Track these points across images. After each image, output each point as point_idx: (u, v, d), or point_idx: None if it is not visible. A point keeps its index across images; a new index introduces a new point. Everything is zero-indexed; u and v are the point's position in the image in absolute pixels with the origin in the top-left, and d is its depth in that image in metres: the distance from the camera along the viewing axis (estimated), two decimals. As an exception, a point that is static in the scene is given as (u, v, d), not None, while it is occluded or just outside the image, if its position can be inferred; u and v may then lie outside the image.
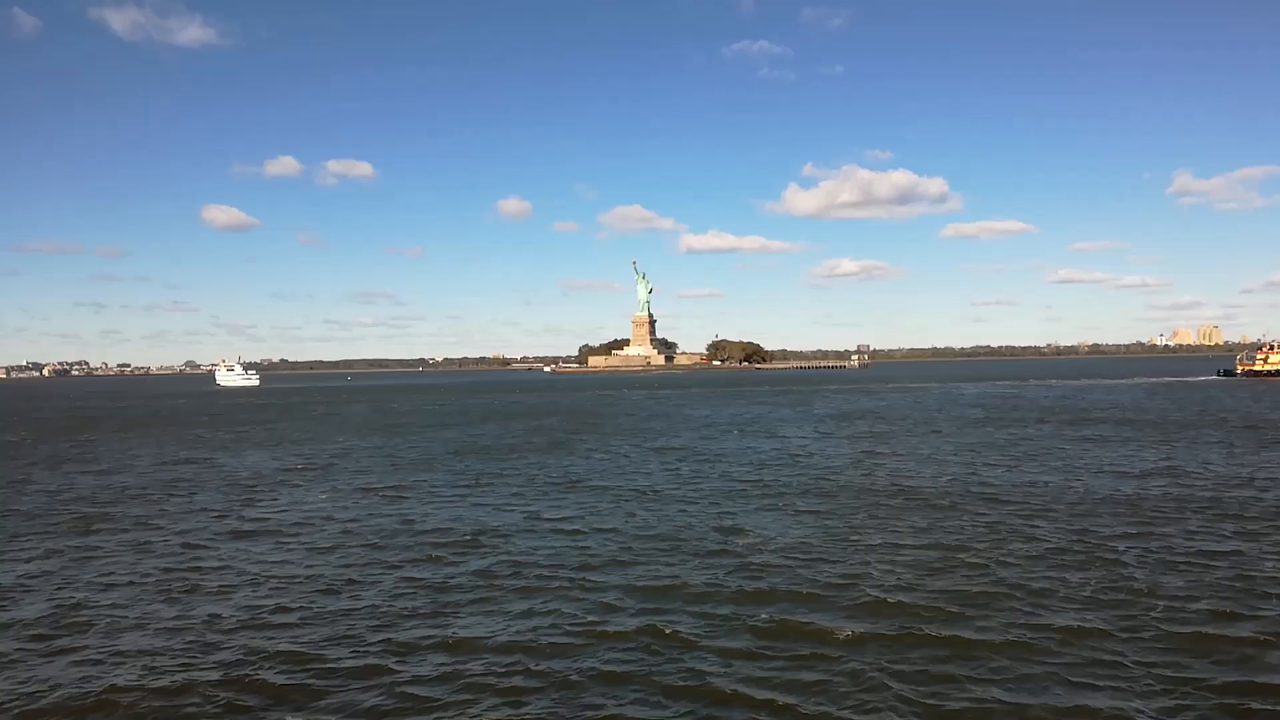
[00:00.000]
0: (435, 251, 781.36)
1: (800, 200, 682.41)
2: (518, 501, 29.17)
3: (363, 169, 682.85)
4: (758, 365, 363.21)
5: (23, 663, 14.28)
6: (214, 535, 24.41)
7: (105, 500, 31.22)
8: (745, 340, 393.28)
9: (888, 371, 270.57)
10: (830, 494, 29.43)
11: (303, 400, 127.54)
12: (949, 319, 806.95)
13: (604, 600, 17.23)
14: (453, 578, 19.10)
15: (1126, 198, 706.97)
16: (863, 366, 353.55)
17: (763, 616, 15.95)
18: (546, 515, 26.39)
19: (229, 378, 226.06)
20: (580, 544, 22.28)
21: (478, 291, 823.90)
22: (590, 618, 16.13)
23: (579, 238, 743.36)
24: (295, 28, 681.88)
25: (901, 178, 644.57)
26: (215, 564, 20.90)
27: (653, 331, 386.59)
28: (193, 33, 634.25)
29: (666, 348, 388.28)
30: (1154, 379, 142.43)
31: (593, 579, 18.77)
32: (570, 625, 15.73)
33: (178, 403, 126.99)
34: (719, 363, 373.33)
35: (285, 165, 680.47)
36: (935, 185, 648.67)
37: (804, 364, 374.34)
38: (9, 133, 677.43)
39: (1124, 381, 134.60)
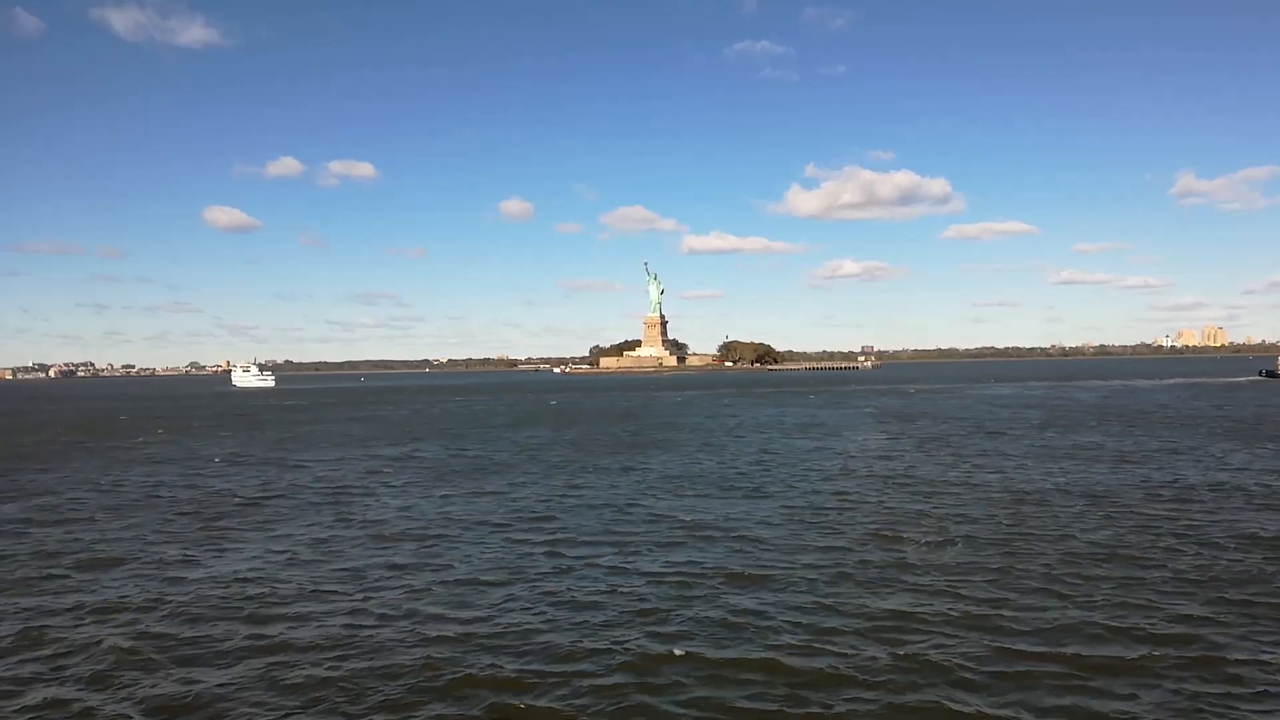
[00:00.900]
0: (436, 252, 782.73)
1: (802, 201, 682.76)
2: (692, 501, 28.41)
3: (364, 169, 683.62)
4: (769, 366, 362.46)
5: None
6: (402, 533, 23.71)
7: (278, 499, 30.57)
8: (755, 341, 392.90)
9: (901, 373, 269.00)
10: (988, 512, 28.48)
11: (334, 401, 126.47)
12: (950, 320, 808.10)
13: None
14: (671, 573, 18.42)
15: (1129, 198, 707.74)
16: (875, 367, 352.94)
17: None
18: (737, 517, 25.73)
19: (245, 379, 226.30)
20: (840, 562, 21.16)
21: (479, 292, 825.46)
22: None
23: (581, 238, 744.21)
24: (296, 28, 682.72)
25: (904, 178, 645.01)
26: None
27: (664, 332, 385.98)
28: (194, 33, 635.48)
29: (677, 349, 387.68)
30: (1190, 380, 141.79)
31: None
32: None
33: (209, 403, 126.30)
34: (731, 364, 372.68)
35: (287, 166, 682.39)
36: (938, 186, 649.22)
37: (814, 365, 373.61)
38: (10, 133, 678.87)
39: (1162, 383, 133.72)
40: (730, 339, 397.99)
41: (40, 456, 49.04)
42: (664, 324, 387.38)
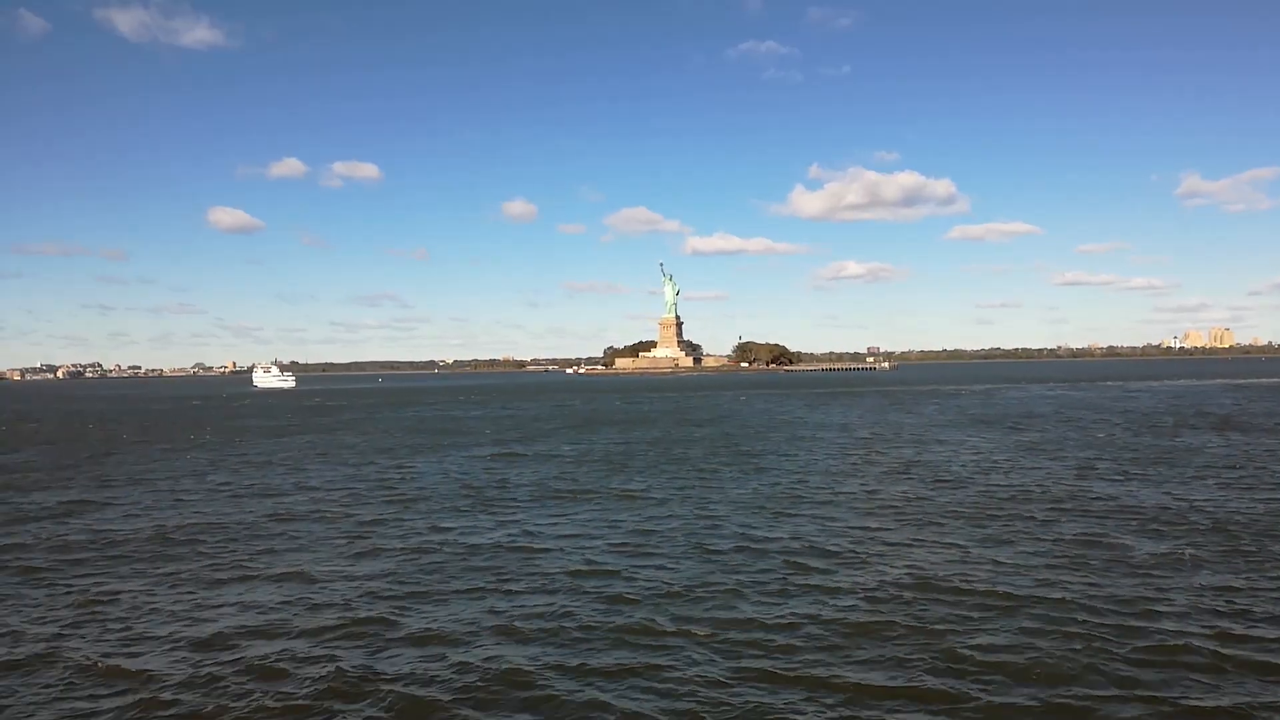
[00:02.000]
0: (439, 253, 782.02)
1: (806, 202, 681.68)
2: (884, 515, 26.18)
3: (368, 170, 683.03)
4: (785, 367, 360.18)
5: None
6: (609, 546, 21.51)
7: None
8: (770, 343, 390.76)
9: (918, 374, 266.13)
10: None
11: (370, 402, 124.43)
12: (953, 321, 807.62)
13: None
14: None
15: (1133, 199, 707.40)
16: (892, 369, 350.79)
17: None
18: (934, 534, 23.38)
19: (266, 379, 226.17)
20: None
21: (482, 293, 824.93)
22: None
23: (584, 239, 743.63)
24: (300, 29, 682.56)
25: (908, 179, 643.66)
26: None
27: (680, 333, 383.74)
28: (198, 34, 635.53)
29: (692, 349, 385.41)
30: (1235, 380, 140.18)
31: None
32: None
33: (244, 404, 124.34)
34: (746, 364, 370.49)
35: (290, 167, 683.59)
36: (942, 187, 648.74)
37: (830, 366, 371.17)
38: (14, 133, 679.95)
39: (1209, 383, 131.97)
40: (743, 340, 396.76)
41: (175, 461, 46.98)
42: (679, 325, 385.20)
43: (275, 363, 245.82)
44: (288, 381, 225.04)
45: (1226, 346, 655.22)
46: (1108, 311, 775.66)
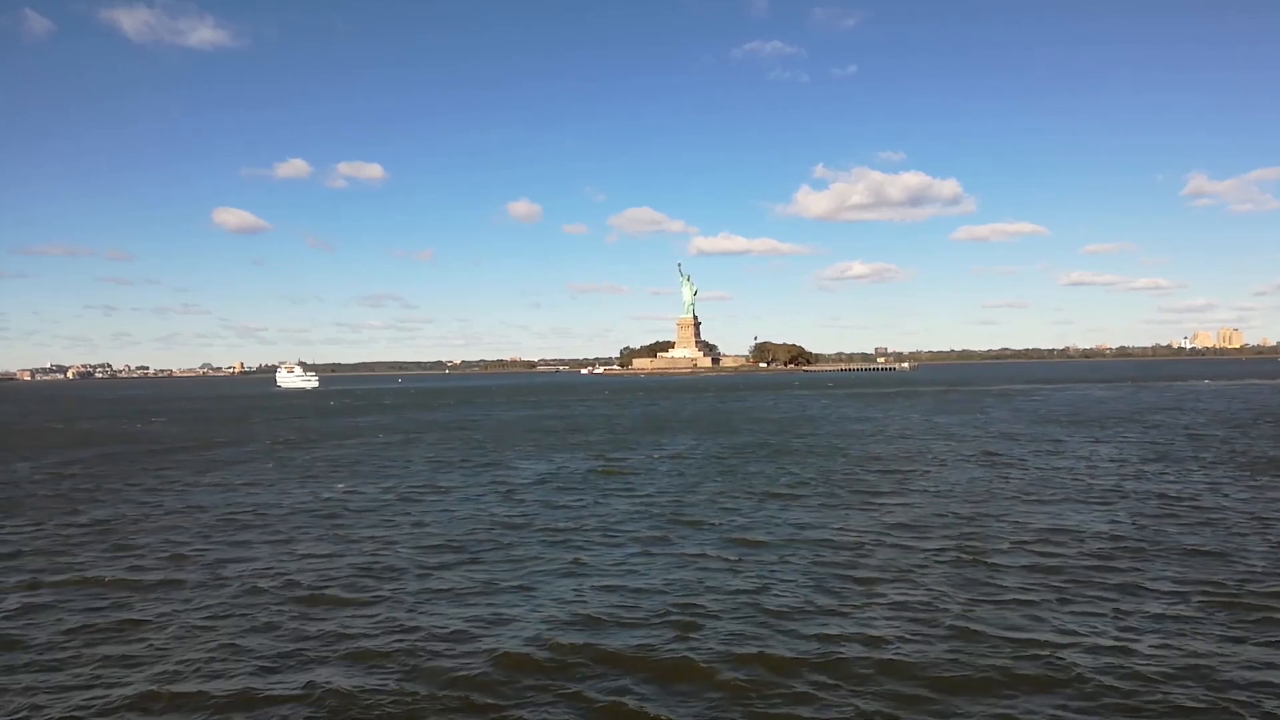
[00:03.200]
0: (444, 254, 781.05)
1: (811, 202, 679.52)
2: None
3: (372, 170, 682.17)
4: (803, 368, 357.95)
5: None
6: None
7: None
8: (787, 343, 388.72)
9: (941, 374, 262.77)
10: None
11: (411, 401, 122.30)
12: (958, 322, 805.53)
13: None
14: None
15: (1139, 199, 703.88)
16: (912, 369, 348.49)
17: None
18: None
19: (289, 379, 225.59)
20: None
21: (486, 294, 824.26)
22: None
23: (588, 240, 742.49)
24: (304, 30, 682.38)
25: (913, 179, 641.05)
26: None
27: (698, 333, 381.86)
28: (203, 34, 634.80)
29: (710, 350, 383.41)
30: (1273, 381, 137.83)
31: None
32: None
33: (280, 404, 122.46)
34: (764, 365, 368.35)
35: (295, 167, 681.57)
36: (948, 187, 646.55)
37: (849, 366, 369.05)
38: (19, 134, 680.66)
39: (1262, 384, 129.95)
40: (759, 340, 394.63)
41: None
42: (698, 325, 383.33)
43: (299, 363, 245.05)
44: (311, 381, 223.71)
45: (1236, 347, 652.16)
46: (1113, 312, 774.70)
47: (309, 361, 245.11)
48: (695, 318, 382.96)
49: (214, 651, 15.57)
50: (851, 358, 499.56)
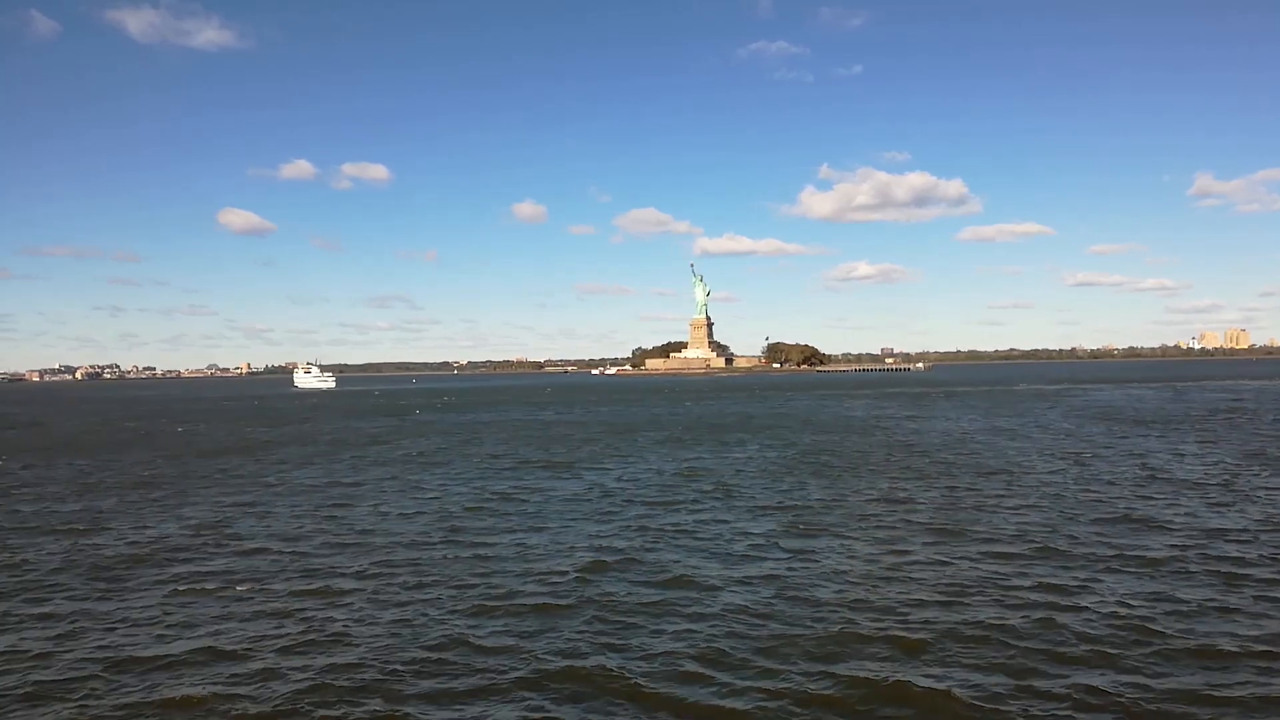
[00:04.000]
0: (449, 255, 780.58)
1: (816, 203, 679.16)
2: None
3: (377, 171, 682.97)
4: (817, 368, 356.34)
5: None
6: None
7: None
8: (800, 344, 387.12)
9: (958, 375, 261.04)
10: None
11: (439, 401, 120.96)
12: (964, 322, 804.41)
13: None
14: None
15: (1146, 200, 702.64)
16: (926, 369, 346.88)
17: None
18: None
19: (307, 380, 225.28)
20: None
21: (491, 295, 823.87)
22: None
23: (594, 241, 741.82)
24: (309, 31, 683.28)
25: (919, 180, 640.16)
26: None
27: (710, 334, 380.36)
28: (209, 35, 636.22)
29: (722, 350, 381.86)
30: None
31: None
32: None
33: (310, 404, 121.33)
34: (778, 365, 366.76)
35: (300, 169, 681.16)
36: (954, 187, 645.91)
37: (863, 367, 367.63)
38: (25, 135, 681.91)
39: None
40: (770, 340, 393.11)
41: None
42: (710, 326, 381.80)
43: (316, 363, 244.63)
44: (328, 382, 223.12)
45: (1244, 347, 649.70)
46: (1119, 312, 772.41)
47: (315, 362, 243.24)
48: (708, 318, 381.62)
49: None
50: (860, 358, 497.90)
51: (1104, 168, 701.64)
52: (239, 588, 20.12)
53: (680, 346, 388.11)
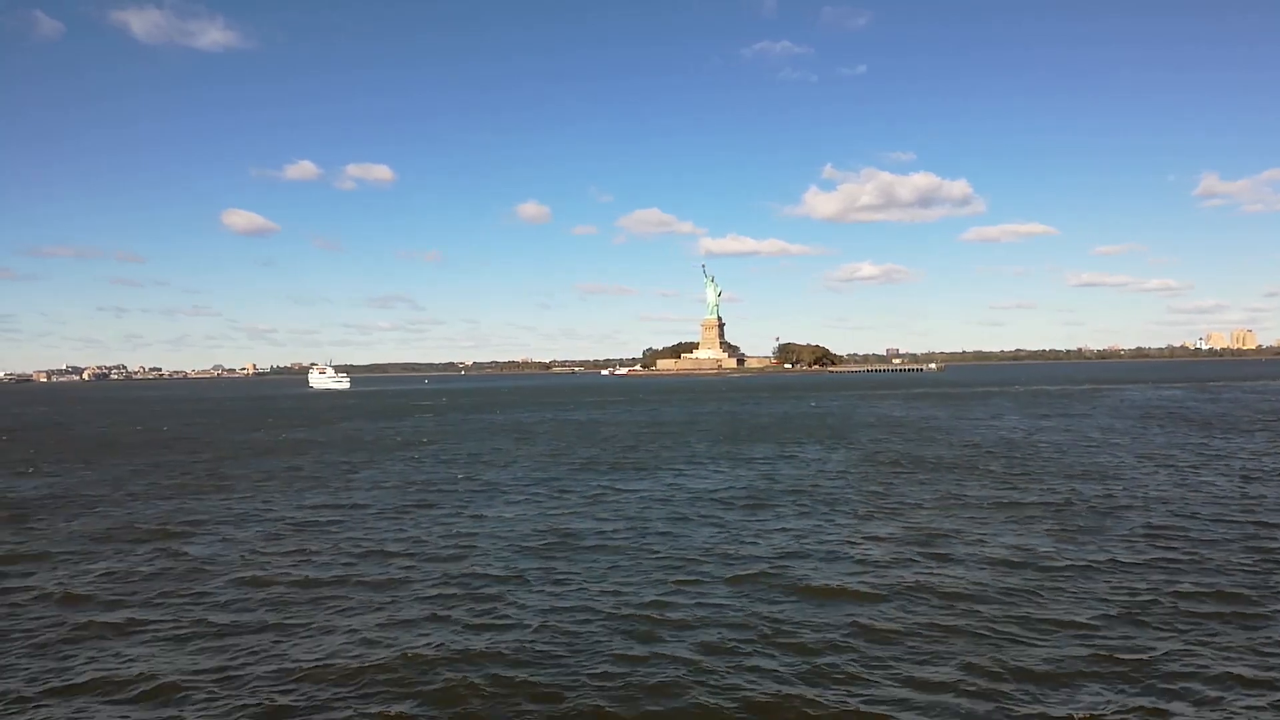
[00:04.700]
0: (452, 255, 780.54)
1: (820, 203, 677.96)
2: None
3: (381, 172, 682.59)
4: (829, 368, 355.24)
5: None
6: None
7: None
8: (812, 344, 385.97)
9: (970, 375, 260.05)
10: None
11: (470, 401, 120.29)
12: (967, 323, 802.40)
13: None
14: None
15: (1151, 200, 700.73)
16: (939, 370, 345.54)
17: None
18: None
19: (322, 380, 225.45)
20: None
21: (493, 295, 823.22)
22: None
23: (597, 241, 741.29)
24: (313, 32, 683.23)
25: (923, 180, 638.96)
26: None
27: (722, 335, 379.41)
28: (213, 35, 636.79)
29: (734, 351, 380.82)
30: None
31: None
32: None
33: (335, 404, 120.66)
34: (789, 365, 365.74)
35: (304, 169, 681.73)
36: (958, 188, 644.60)
37: (874, 367, 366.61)
38: (28, 135, 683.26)
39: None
40: (781, 341, 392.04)
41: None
42: (721, 326, 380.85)
43: (330, 364, 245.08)
44: (343, 383, 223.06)
45: (1251, 347, 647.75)
46: (1123, 313, 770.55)
47: (319, 363, 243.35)
48: (720, 319, 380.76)
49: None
50: (867, 358, 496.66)
51: (1109, 168, 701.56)
52: (414, 598, 19.36)
53: (689, 347, 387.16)
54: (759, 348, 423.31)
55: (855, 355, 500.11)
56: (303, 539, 25.77)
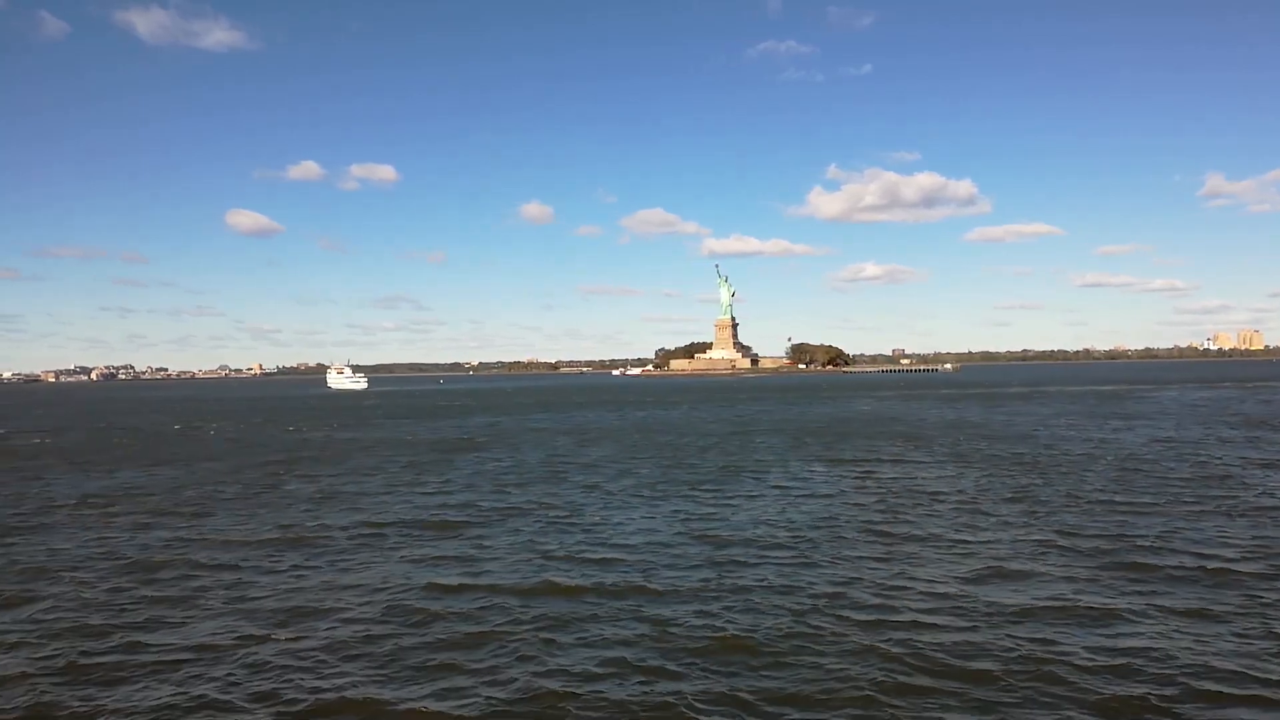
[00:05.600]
0: (456, 255, 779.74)
1: (824, 203, 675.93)
2: None
3: (385, 172, 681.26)
4: (843, 369, 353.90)
5: None
6: None
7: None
8: (825, 344, 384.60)
9: (987, 376, 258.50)
10: None
11: (501, 403, 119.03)
12: (970, 323, 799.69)
13: None
14: None
15: (1156, 200, 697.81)
16: (955, 370, 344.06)
17: None
18: None
19: (340, 380, 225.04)
20: None
21: (498, 296, 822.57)
22: None
23: (601, 242, 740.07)
24: (317, 31, 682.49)
25: (928, 180, 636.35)
26: None
27: (735, 335, 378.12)
28: (218, 36, 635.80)
29: (747, 351, 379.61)
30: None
31: None
32: None
33: (363, 404, 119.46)
34: (803, 366, 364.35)
35: (307, 169, 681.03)
36: (963, 188, 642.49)
37: (888, 367, 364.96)
38: (32, 136, 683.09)
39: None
40: (794, 341, 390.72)
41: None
42: (735, 326, 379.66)
43: (349, 364, 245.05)
44: (360, 383, 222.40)
45: (1259, 348, 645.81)
46: (1126, 313, 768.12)
47: (336, 363, 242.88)
48: (733, 319, 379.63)
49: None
50: (875, 359, 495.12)
51: (1113, 168, 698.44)
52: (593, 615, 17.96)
53: (702, 347, 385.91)
54: (767, 348, 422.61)
55: (863, 355, 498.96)
56: (440, 556, 24.35)
